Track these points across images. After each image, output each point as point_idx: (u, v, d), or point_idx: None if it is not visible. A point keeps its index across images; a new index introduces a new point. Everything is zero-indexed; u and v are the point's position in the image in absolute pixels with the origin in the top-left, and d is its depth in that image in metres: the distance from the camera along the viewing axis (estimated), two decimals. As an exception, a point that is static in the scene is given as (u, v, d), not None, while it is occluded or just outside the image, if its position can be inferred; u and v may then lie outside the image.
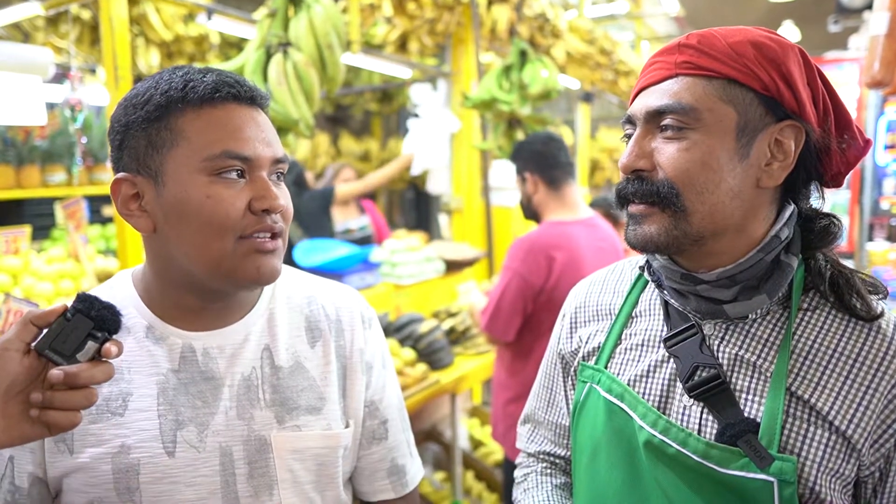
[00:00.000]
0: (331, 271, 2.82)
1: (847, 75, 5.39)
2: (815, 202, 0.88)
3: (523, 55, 3.58)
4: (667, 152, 0.79)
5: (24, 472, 0.82)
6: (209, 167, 0.80)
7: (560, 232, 2.20)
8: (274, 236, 0.84)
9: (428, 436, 3.10)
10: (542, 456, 1.09)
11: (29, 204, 3.92)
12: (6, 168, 2.83)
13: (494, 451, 3.20)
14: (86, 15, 3.52)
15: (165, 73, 0.84)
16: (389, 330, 2.64)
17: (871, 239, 4.36)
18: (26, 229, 2.85)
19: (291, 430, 0.90)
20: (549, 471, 1.06)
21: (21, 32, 3.49)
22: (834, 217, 0.85)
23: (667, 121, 0.79)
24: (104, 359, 0.71)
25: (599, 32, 5.45)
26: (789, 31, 8.47)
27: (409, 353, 2.51)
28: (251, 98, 0.85)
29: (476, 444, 3.33)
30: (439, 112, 4.09)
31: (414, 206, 8.21)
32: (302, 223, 4.02)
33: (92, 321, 0.70)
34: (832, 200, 5.07)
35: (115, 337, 0.73)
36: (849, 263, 0.86)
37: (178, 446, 0.84)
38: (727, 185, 0.78)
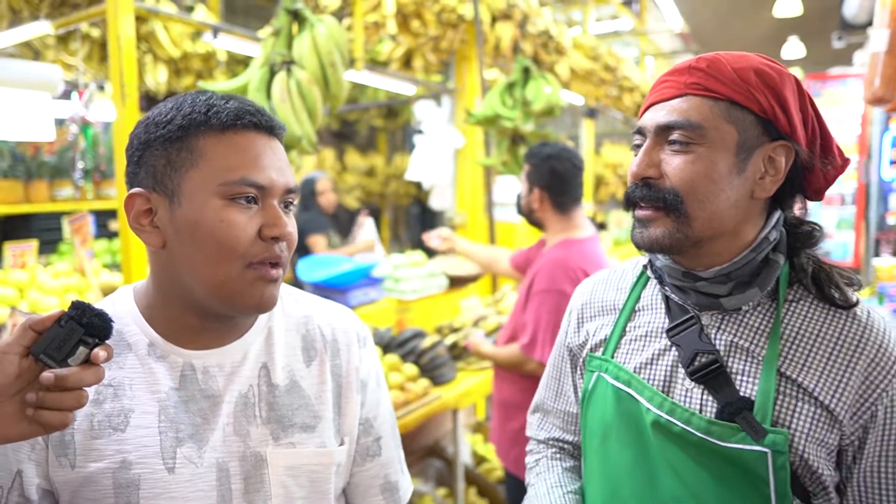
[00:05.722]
0: (334, 287, 2.83)
1: (851, 91, 5.38)
2: (811, 217, 0.99)
3: (527, 72, 3.61)
4: (674, 163, 0.88)
5: (32, 484, 0.83)
6: (225, 191, 0.82)
7: (583, 249, 2.18)
8: (276, 265, 0.86)
9: (430, 451, 3.08)
10: (551, 442, 1.18)
11: (37, 218, 3.96)
12: (15, 183, 2.86)
13: (497, 467, 3.18)
14: (95, 33, 3.57)
15: (189, 97, 0.86)
16: (392, 345, 2.64)
17: (877, 254, 4.33)
18: (33, 243, 2.87)
19: (286, 447, 0.91)
20: (558, 455, 1.16)
21: (32, 51, 3.54)
22: (816, 224, 0.95)
23: (675, 135, 0.88)
24: (94, 363, 0.74)
25: (603, 49, 5.49)
26: (794, 47, 8.47)
27: (411, 369, 2.50)
28: (270, 128, 0.88)
29: (479, 459, 3.31)
30: (443, 128, 4.12)
31: (419, 222, 8.25)
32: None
33: (83, 328, 0.73)
34: (839, 216, 5.05)
35: (108, 343, 0.76)
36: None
37: (177, 462, 0.85)
38: (726, 196, 0.88)
